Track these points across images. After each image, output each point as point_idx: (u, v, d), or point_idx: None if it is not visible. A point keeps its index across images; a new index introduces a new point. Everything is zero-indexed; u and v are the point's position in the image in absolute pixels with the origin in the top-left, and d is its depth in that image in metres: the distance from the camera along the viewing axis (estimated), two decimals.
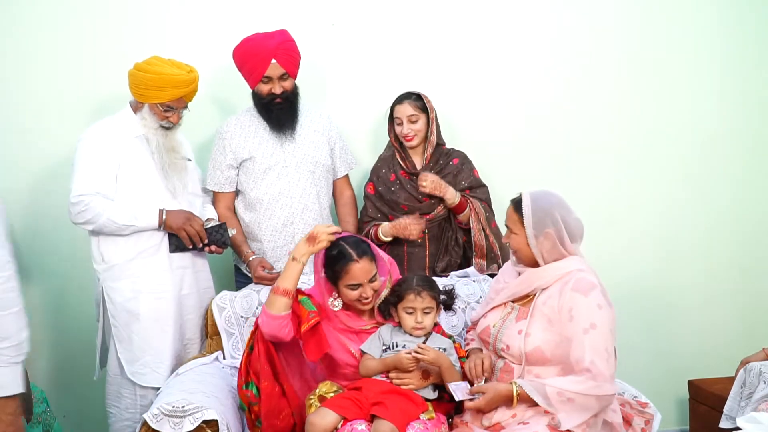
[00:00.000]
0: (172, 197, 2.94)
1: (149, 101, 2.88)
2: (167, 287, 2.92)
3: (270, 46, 3.01)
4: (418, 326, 2.50)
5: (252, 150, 3.14)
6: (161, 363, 2.89)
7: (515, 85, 3.67)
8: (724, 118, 3.83)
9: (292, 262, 2.47)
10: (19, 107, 3.36)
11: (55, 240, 3.38)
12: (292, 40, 3.09)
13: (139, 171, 2.90)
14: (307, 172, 3.17)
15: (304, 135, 3.18)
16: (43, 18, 3.34)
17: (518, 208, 2.42)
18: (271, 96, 3.07)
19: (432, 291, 2.53)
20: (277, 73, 3.04)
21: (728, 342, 3.79)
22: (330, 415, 2.37)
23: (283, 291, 2.44)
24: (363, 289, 2.52)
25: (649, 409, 2.48)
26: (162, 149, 2.92)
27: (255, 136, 3.15)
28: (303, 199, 3.16)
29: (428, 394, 2.50)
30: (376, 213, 3.25)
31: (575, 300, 2.29)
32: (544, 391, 2.22)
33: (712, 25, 3.79)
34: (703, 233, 3.84)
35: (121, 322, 2.89)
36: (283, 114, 3.12)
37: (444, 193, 3.14)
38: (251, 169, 3.14)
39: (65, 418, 3.45)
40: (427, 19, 3.59)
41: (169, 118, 2.91)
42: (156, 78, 2.83)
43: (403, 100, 3.19)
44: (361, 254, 2.52)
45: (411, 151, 3.26)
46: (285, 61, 3.04)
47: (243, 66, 3.08)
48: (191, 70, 2.91)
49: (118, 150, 2.87)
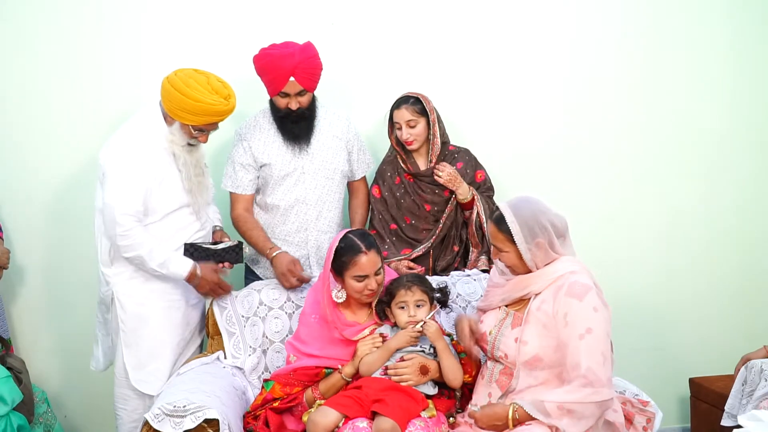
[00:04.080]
0: (196, 218, 2.91)
1: (182, 121, 2.76)
2: (177, 296, 2.89)
3: (289, 65, 2.91)
4: (411, 320, 2.51)
5: (270, 156, 3.08)
6: (165, 372, 2.87)
7: (517, 85, 3.66)
8: (731, 121, 3.81)
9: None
10: (26, 107, 3.36)
11: (56, 240, 3.39)
12: (313, 56, 2.99)
13: (167, 189, 2.82)
14: (324, 179, 3.13)
15: (322, 141, 3.12)
16: (62, 23, 3.35)
17: (500, 225, 2.37)
18: (287, 110, 3.02)
19: (422, 285, 2.58)
20: (295, 90, 2.97)
21: (729, 340, 3.78)
22: (331, 414, 2.39)
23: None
24: (369, 281, 2.56)
25: (650, 407, 2.47)
26: (189, 166, 2.84)
27: (273, 141, 3.09)
28: (318, 206, 3.13)
29: (428, 390, 2.51)
30: (381, 225, 3.22)
31: (570, 305, 2.27)
32: (544, 408, 2.21)
33: (718, 27, 3.77)
34: (704, 232, 3.83)
35: (130, 328, 2.85)
36: (297, 128, 3.06)
37: (458, 187, 3.14)
38: (269, 174, 3.10)
39: (66, 419, 3.46)
40: (428, 18, 3.58)
41: (198, 138, 2.83)
42: (193, 104, 2.70)
43: (401, 105, 3.13)
44: (369, 246, 2.58)
45: (414, 153, 3.23)
46: (304, 78, 2.96)
47: (262, 76, 3.01)
48: (229, 95, 2.78)
49: (152, 168, 2.78)
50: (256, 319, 2.94)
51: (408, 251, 3.18)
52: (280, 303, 2.96)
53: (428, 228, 3.20)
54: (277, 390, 2.59)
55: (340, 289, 2.65)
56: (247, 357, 2.87)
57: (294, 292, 3.00)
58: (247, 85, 3.23)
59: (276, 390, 2.59)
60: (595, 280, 2.36)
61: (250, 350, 2.89)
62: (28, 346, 3.43)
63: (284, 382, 2.59)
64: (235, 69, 3.40)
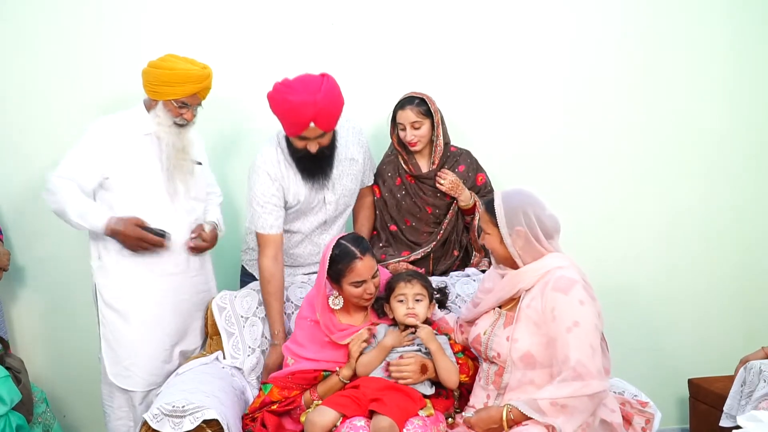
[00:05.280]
0: (170, 201, 2.91)
1: (163, 98, 2.85)
2: (158, 290, 2.90)
3: (310, 113, 2.68)
4: (410, 312, 2.51)
5: (299, 195, 2.93)
6: (143, 367, 2.87)
7: (517, 85, 3.65)
8: (731, 121, 3.80)
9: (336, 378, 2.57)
10: (26, 107, 3.36)
11: (56, 239, 3.38)
12: (335, 98, 2.76)
13: (141, 170, 2.88)
14: (344, 206, 3.07)
15: (341, 169, 2.97)
16: (62, 23, 3.34)
17: (490, 208, 2.41)
18: (305, 151, 2.82)
19: (423, 280, 2.58)
20: (315, 134, 2.76)
21: (728, 340, 3.78)
22: (329, 413, 2.38)
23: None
24: (367, 285, 2.56)
25: (649, 408, 2.47)
26: (171, 149, 2.88)
27: (295, 180, 2.92)
28: (337, 221, 3.08)
29: (425, 390, 2.51)
30: (381, 225, 3.22)
31: (556, 299, 2.28)
32: (537, 406, 2.21)
33: (718, 27, 3.77)
34: (704, 232, 3.83)
35: (108, 320, 2.89)
36: (316, 168, 2.89)
37: (459, 194, 3.13)
38: (291, 209, 2.99)
39: (65, 418, 3.46)
40: (429, 18, 3.57)
41: (184, 115, 2.88)
42: (170, 73, 2.81)
43: (406, 106, 3.08)
44: (363, 251, 2.56)
45: (416, 154, 3.19)
46: (326, 124, 2.75)
47: (278, 117, 2.79)
48: (205, 66, 2.90)
49: (121, 146, 2.86)
50: (255, 319, 2.94)
51: (407, 254, 3.17)
52: None
53: (429, 231, 3.19)
54: (275, 393, 2.58)
55: (338, 296, 2.64)
56: (246, 357, 2.88)
57: (294, 292, 3.00)
58: (248, 84, 3.24)
59: (274, 393, 2.58)
60: (583, 275, 2.36)
61: (249, 350, 2.89)
62: (27, 346, 3.43)
63: (282, 386, 2.59)
64: (236, 69, 3.42)
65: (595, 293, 2.35)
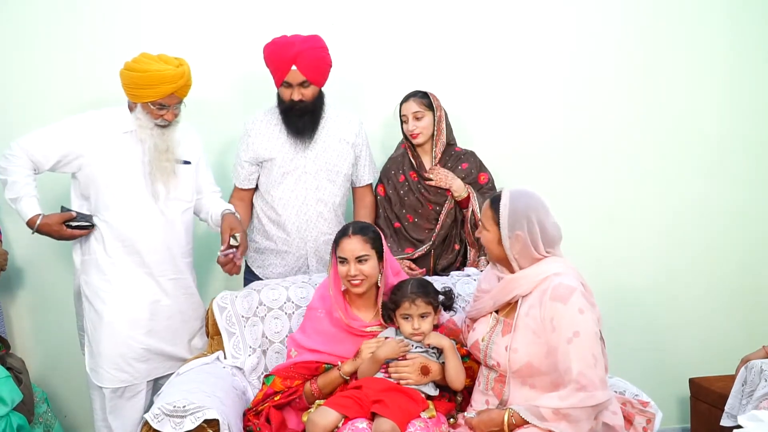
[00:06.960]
0: (153, 201, 2.89)
1: (140, 101, 2.81)
2: (136, 289, 2.88)
3: (291, 52, 2.92)
4: (415, 332, 2.51)
5: (273, 151, 3.08)
6: (108, 359, 2.85)
7: (518, 85, 3.67)
8: (731, 122, 3.82)
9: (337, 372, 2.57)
10: (27, 107, 3.36)
11: (55, 241, 3.37)
12: (319, 47, 2.99)
13: (121, 168, 2.85)
14: (326, 181, 3.12)
15: (328, 142, 3.11)
16: (62, 23, 3.35)
17: (494, 205, 2.36)
18: (291, 102, 3.01)
19: (427, 297, 2.53)
20: (297, 80, 2.96)
21: (729, 340, 3.79)
22: (331, 414, 2.38)
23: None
24: (348, 266, 2.57)
25: (650, 407, 2.46)
26: (154, 151, 2.85)
27: (278, 137, 3.09)
28: (318, 207, 3.12)
29: (430, 391, 2.51)
30: (386, 223, 3.24)
31: (555, 309, 2.24)
32: (539, 412, 2.20)
33: (718, 27, 3.78)
34: (704, 232, 3.83)
35: (88, 313, 2.90)
36: (300, 122, 3.04)
37: (450, 184, 3.16)
38: (271, 170, 3.10)
39: (66, 419, 3.46)
40: (430, 18, 3.58)
41: (164, 116, 2.84)
42: (143, 76, 2.76)
43: (409, 98, 3.19)
44: (355, 232, 2.60)
45: (420, 150, 3.24)
46: (306, 68, 2.94)
47: (268, 65, 3.02)
48: (180, 63, 2.83)
49: (99, 139, 2.83)
50: (256, 319, 2.94)
51: (411, 251, 3.19)
52: (280, 303, 2.96)
53: (431, 227, 3.21)
54: (277, 383, 2.60)
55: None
56: (246, 357, 2.87)
57: (294, 292, 3.00)
58: (248, 84, 3.24)
59: (277, 383, 2.60)
60: (582, 281, 2.32)
61: (249, 350, 2.89)
62: (28, 346, 3.43)
63: (285, 376, 2.61)
64: (236, 69, 3.42)
65: (596, 293, 2.34)
